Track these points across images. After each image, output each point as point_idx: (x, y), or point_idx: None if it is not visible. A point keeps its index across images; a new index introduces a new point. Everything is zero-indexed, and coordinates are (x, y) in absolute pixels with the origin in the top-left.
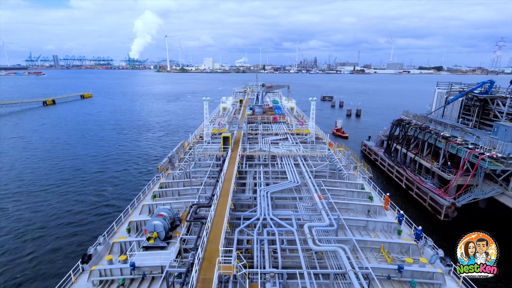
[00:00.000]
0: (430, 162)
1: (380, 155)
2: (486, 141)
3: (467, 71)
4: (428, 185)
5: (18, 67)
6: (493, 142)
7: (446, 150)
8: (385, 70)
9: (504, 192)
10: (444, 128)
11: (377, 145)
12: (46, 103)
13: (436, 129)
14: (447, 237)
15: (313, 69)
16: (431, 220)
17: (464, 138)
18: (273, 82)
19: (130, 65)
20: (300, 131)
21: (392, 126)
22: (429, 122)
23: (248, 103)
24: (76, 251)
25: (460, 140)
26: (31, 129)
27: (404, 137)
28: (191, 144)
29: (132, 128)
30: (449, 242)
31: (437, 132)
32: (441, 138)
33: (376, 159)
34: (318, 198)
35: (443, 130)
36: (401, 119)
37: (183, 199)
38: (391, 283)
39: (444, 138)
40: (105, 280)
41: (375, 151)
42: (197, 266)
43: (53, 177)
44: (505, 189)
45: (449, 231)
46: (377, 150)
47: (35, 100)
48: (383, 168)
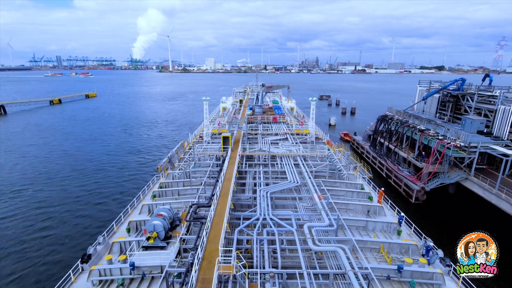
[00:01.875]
0: (407, 153)
1: (366, 148)
2: (452, 132)
3: (469, 70)
4: (404, 173)
5: (21, 67)
6: (458, 133)
7: (420, 142)
8: (386, 70)
9: (468, 178)
10: (421, 122)
11: (364, 139)
12: (53, 102)
13: (413, 123)
14: (417, 216)
15: (314, 69)
16: (405, 203)
17: (436, 131)
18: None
19: (132, 65)
20: (300, 131)
21: (377, 122)
22: (408, 117)
23: (248, 103)
24: (75, 251)
25: (432, 132)
26: (32, 129)
27: (387, 131)
28: (191, 144)
29: (133, 128)
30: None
31: (414, 126)
32: (417, 131)
33: (362, 152)
34: (318, 198)
35: (420, 124)
36: (386, 115)
37: (183, 199)
38: (390, 283)
39: (419, 131)
40: (105, 280)
41: (361, 145)
42: (197, 266)
43: (52, 177)
44: (468, 175)
45: (419, 211)
46: (364, 144)
47: (42, 99)
48: (368, 160)
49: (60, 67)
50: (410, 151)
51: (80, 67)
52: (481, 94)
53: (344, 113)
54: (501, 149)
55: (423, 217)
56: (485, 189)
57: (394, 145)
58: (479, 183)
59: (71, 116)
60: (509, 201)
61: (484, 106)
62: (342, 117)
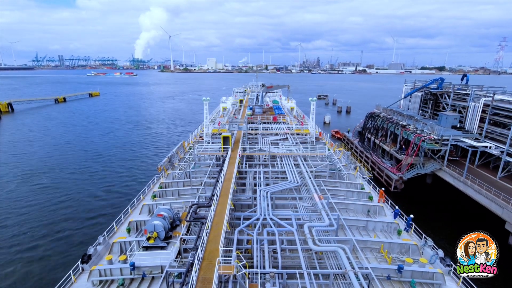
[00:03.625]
0: (390, 147)
1: (355, 143)
2: (428, 127)
3: (469, 71)
4: (387, 165)
5: (24, 67)
6: (433, 127)
7: (401, 136)
8: (387, 71)
9: (441, 168)
10: (403, 118)
11: (354, 136)
12: (58, 101)
13: (397, 119)
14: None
15: (315, 69)
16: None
17: (415, 126)
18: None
19: (134, 65)
20: (300, 131)
21: (366, 119)
22: (393, 114)
23: (248, 103)
24: (76, 251)
25: (412, 127)
26: (32, 129)
27: (374, 128)
28: (191, 144)
29: (133, 127)
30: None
31: (397, 122)
32: (399, 126)
33: (351, 147)
34: (318, 198)
35: (402, 120)
36: (373, 112)
37: (183, 199)
38: (391, 283)
39: (402, 127)
40: (105, 280)
41: (351, 141)
42: (197, 266)
43: (52, 177)
44: (442, 165)
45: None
46: (353, 139)
47: (48, 97)
48: (356, 154)
49: (62, 66)
50: (393, 145)
51: (82, 66)
52: (457, 92)
53: (340, 112)
54: (469, 142)
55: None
56: (454, 178)
57: (380, 140)
58: (450, 172)
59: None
60: (473, 187)
61: (458, 103)
62: (337, 116)
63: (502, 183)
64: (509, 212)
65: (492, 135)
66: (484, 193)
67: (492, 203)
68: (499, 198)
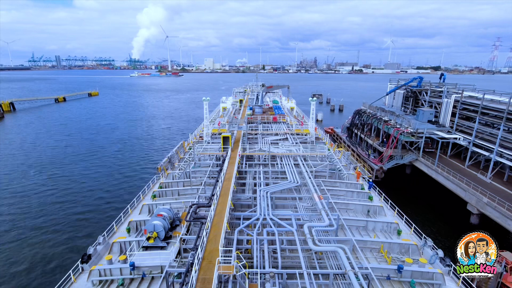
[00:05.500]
0: (373, 140)
1: (343, 138)
2: (406, 121)
3: (464, 71)
4: (370, 157)
5: (21, 67)
6: (409, 122)
7: (383, 130)
8: (383, 70)
9: (418, 158)
10: (385, 114)
11: (342, 131)
12: (58, 100)
13: (380, 115)
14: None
15: (312, 69)
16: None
17: (396, 120)
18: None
19: (131, 65)
20: (300, 131)
21: (353, 115)
22: (377, 110)
23: (248, 103)
24: (76, 251)
25: (393, 122)
26: (31, 130)
27: (360, 123)
28: (191, 144)
29: (133, 127)
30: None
31: (380, 118)
32: (382, 121)
33: (340, 142)
34: (318, 198)
35: (384, 116)
36: (360, 109)
37: (183, 199)
38: (390, 283)
39: (384, 122)
40: (105, 280)
41: (340, 136)
42: (197, 266)
43: (52, 177)
44: (418, 156)
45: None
46: (342, 135)
47: (48, 97)
48: (343, 147)
49: (59, 66)
50: (376, 139)
51: (79, 66)
52: (433, 90)
53: (333, 110)
54: (441, 134)
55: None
56: (428, 167)
57: (365, 134)
58: (425, 162)
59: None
60: (442, 174)
61: (434, 100)
62: (330, 114)
63: (469, 170)
64: (470, 194)
65: (461, 127)
66: (451, 179)
67: (458, 188)
68: (462, 182)
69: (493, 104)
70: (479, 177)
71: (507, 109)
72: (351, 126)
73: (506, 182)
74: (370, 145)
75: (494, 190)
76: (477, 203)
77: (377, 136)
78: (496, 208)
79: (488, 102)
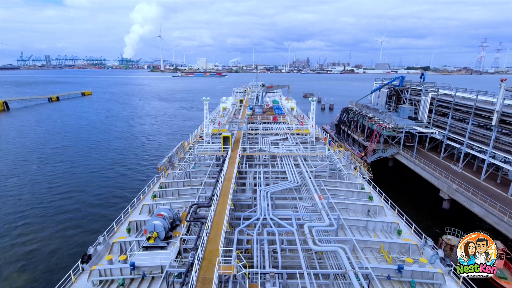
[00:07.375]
0: (359, 136)
1: (331, 134)
2: (387, 117)
3: (453, 71)
4: (356, 152)
5: (9, 67)
6: (391, 118)
7: (368, 126)
8: (374, 70)
9: (399, 152)
10: (370, 111)
11: (331, 128)
12: (51, 100)
13: (365, 112)
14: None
15: (304, 69)
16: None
17: (379, 117)
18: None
19: (123, 65)
20: (300, 131)
21: (341, 113)
22: (362, 108)
23: (248, 103)
24: (76, 251)
25: (376, 119)
26: (27, 129)
27: (348, 120)
28: (191, 144)
29: (132, 127)
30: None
31: (365, 115)
32: (366, 118)
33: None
34: (318, 198)
35: (369, 113)
36: (348, 107)
37: (183, 199)
38: (391, 283)
39: (368, 118)
40: (105, 280)
41: (329, 133)
42: (197, 266)
43: (52, 177)
44: (399, 150)
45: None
46: (330, 131)
47: (41, 96)
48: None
49: (49, 66)
50: (361, 135)
51: (69, 66)
52: (414, 88)
53: (323, 109)
54: (419, 129)
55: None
56: (407, 159)
57: (352, 131)
58: (405, 155)
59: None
60: (419, 165)
61: (414, 97)
62: (321, 112)
63: (443, 162)
64: (442, 182)
65: (437, 123)
66: (427, 169)
67: (432, 177)
68: (436, 172)
69: (464, 101)
70: (452, 168)
71: (474, 105)
72: (339, 123)
73: (475, 172)
74: (356, 140)
75: (463, 179)
76: (448, 190)
77: (362, 132)
78: (463, 193)
79: (459, 99)
